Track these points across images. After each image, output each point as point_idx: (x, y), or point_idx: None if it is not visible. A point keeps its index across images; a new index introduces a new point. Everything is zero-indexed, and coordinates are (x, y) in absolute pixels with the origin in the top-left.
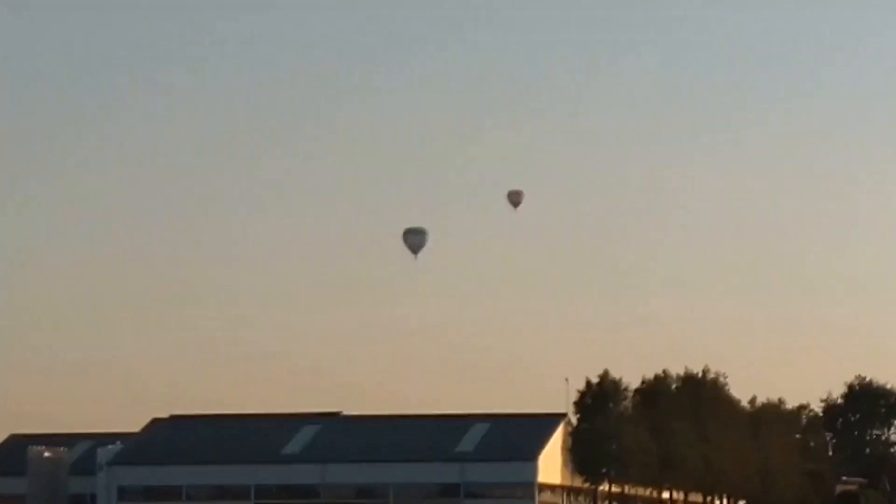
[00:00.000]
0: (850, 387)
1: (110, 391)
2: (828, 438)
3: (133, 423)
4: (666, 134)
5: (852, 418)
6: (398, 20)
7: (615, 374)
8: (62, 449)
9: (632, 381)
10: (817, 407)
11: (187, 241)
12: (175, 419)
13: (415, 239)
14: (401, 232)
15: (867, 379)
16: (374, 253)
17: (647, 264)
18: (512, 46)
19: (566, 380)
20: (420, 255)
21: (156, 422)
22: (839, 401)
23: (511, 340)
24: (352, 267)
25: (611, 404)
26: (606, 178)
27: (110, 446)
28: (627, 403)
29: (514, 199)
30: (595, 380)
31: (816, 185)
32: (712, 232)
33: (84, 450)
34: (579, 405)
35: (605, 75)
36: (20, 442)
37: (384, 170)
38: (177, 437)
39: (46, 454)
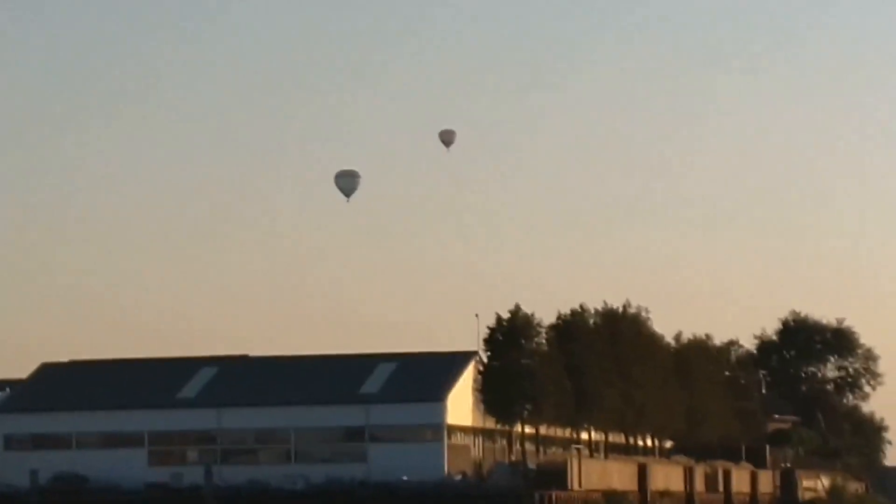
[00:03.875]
0: (785, 323)
1: (5, 335)
2: (762, 376)
3: (26, 369)
4: (582, 64)
5: (787, 355)
6: None
7: (528, 309)
8: None
9: (546, 316)
10: (750, 344)
11: (93, 168)
12: (70, 365)
13: (347, 181)
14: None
15: (802, 314)
16: (305, 194)
17: (566, 195)
18: None
19: (476, 316)
20: (352, 198)
21: (46, 367)
22: (773, 337)
23: (422, 276)
24: (279, 207)
25: (523, 341)
26: (532, 115)
27: (4, 390)
28: (541, 340)
29: (446, 138)
30: (506, 315)
31: (750, 116)
32: (635, 161)
33: None
34: (489, 342)
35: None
36: None
37: (318, 110)
38: (67, 382)
39: None
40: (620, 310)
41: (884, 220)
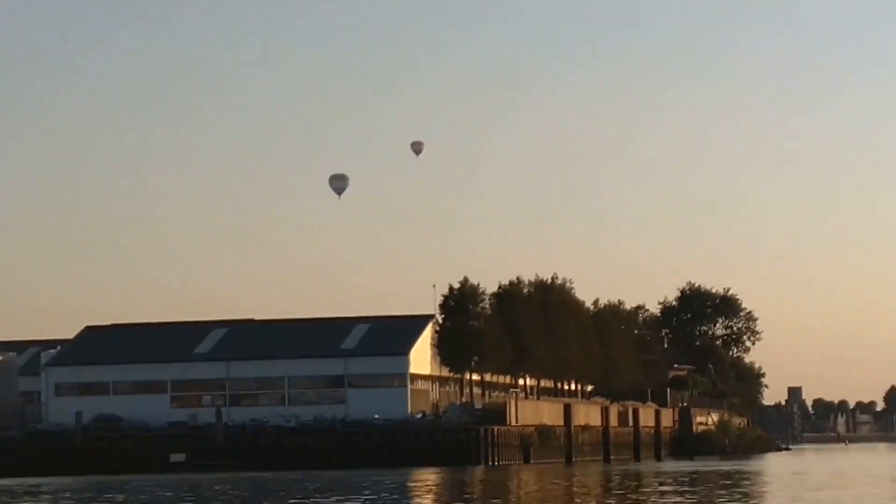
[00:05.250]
0: (683, 291)
1: (56, 304)
2: (664, 334)
3: (72, 331)
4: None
5: (685, 317)
6: None
7: (475, 280)
8: (12, 354)
9: (489, 286)
10: (655, 308)
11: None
12: (108, 327)
13: (338, 183)
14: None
15: (696, 284)
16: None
17: (509, 188)
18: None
19: (434, 286)
20: (343, 196)
21: (88, 329)
22: (673, 303)
23: (391, 254)
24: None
25: (470, 306)
26: (490, 117)
27: (52, 350)
28: (485, 305)
29: (416, 148)
30: (457, 285)
31: (639, 97)
32: (566, 153)
33: (32, 354)
34: (444, 307)
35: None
36: None
37: (313, 123)
38: (105, 341)
39: None
40: (549, 281)
41: (766, 201)
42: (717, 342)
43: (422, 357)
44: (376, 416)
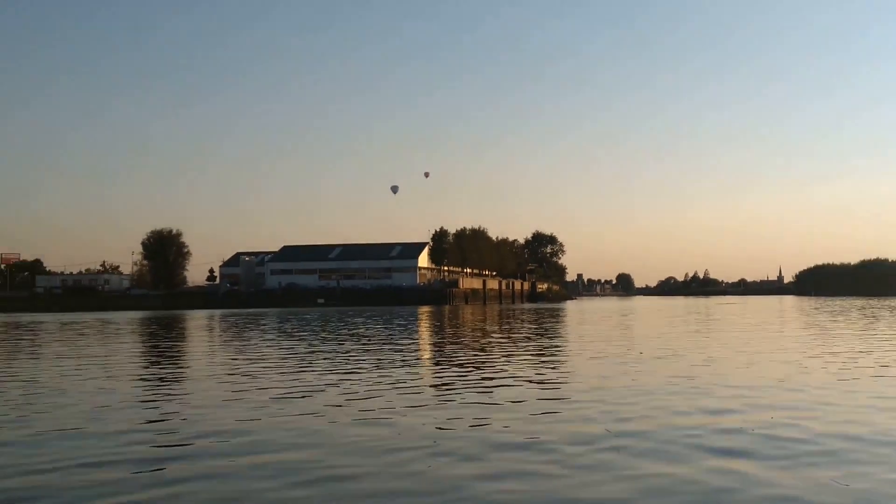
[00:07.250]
0: (534, 234)
1: (269, 231)
2: (525, 252)
3: (276, 245)
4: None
5: (534, 245)
6: None
7: (447, 228)
8: (253, 256)
9: (452, 230)
10: (523, 240)
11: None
12: (296, 247)
13: (395, 188)
14: (388, 186)
15: (539, 231)
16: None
17: (458, 181)
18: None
19: (429, 230)
20: (397, 194)
21: (286, 247)
22: (530, 239)
23: (411, 216)
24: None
25: (444, 239)
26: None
27: (270, 254)
28: (450, 239)
29: (426, 175)
30: (438, 230)
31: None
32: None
33: (261, 257)
34: (433, 239)
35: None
36: (238, 255)
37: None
38: (293, 251)
39: (247, 258)
40: (477, 228)
41: (578, 167)
42: (547, 254)
43: (424, 259)
44: (404, 284)
